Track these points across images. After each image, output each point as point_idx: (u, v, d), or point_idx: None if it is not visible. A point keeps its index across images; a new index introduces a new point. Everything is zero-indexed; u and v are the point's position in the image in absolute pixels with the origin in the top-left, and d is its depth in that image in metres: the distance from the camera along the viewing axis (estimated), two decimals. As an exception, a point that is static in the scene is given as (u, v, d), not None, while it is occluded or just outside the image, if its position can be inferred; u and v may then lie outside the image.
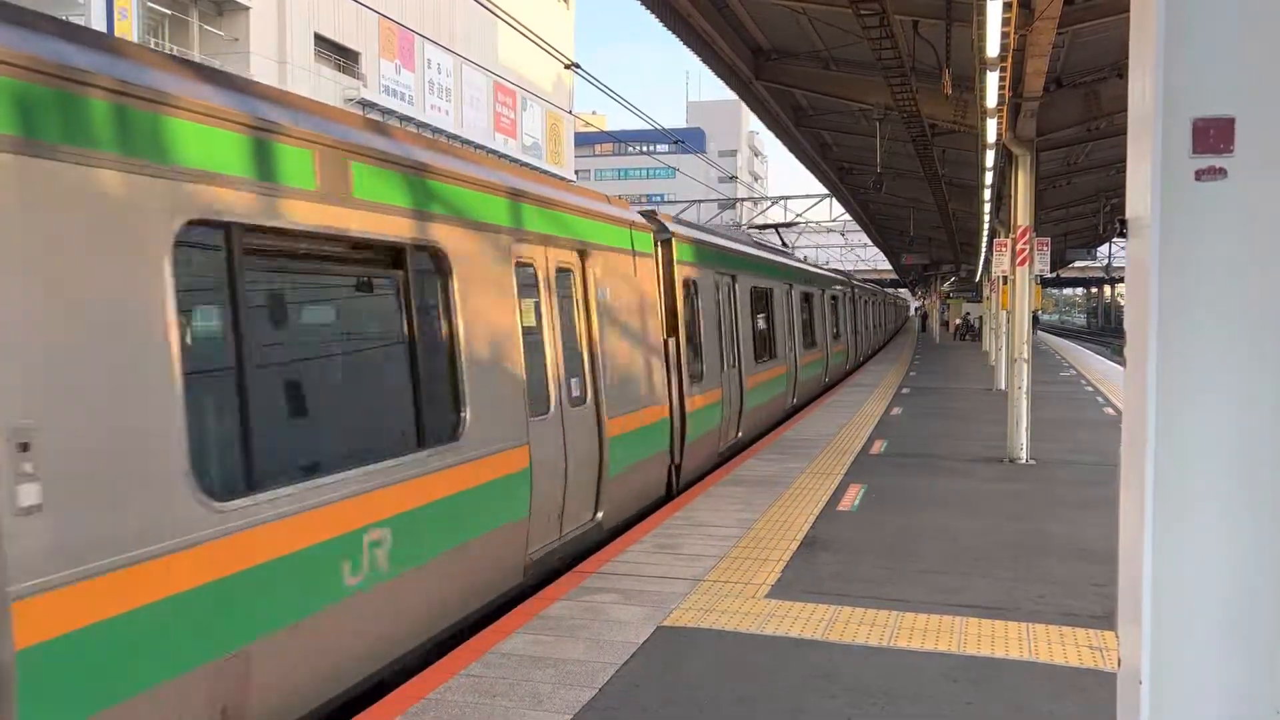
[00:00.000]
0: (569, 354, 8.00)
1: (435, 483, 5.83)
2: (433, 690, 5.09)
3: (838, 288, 26.18)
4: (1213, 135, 2.23)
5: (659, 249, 10.64)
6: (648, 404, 9.51)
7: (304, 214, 4.83)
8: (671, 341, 10.55)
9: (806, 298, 20.39)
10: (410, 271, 5.82)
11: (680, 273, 10.99)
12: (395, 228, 5.63)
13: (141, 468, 3.74)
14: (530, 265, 7.43)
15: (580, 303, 8.36)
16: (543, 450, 7.25)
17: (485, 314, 6.58)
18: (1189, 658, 2.30)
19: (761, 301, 15.77)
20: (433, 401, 6.01)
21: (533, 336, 7.37)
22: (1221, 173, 2.23)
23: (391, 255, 5.73)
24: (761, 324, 15.69)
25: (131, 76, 3.90)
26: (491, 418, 6.52)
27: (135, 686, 3.65)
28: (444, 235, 6.17)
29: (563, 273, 8.08)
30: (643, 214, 10.82)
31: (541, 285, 7.60)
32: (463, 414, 6.25)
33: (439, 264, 6.21)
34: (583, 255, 8.38)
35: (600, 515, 8.42)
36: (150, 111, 3.93)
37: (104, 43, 3.96)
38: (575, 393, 8.03)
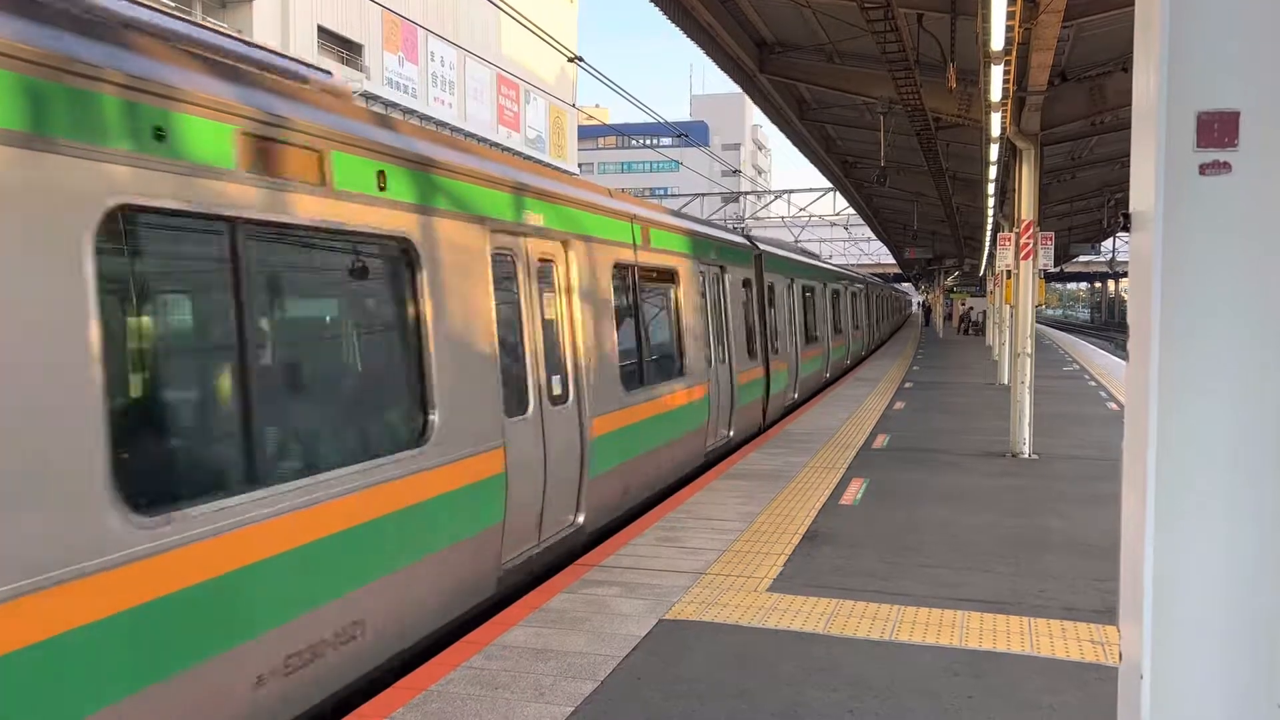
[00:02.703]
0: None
1: None
2: (435, 682, 5.10)
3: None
4: (1217, 129, 2.22)
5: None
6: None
7: None
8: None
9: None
10: None
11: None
12: None
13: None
14: None
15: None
16: None
17: None
18: (1190, 653, 2.30)
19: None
20: None
21: None
22: (1226, 167, 2.23)
23: None
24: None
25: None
26: None
27: None
28: None
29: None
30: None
31: None
32: None
33: None
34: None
35: None
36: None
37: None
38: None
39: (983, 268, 39.59)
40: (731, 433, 13.25)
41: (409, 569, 5.64)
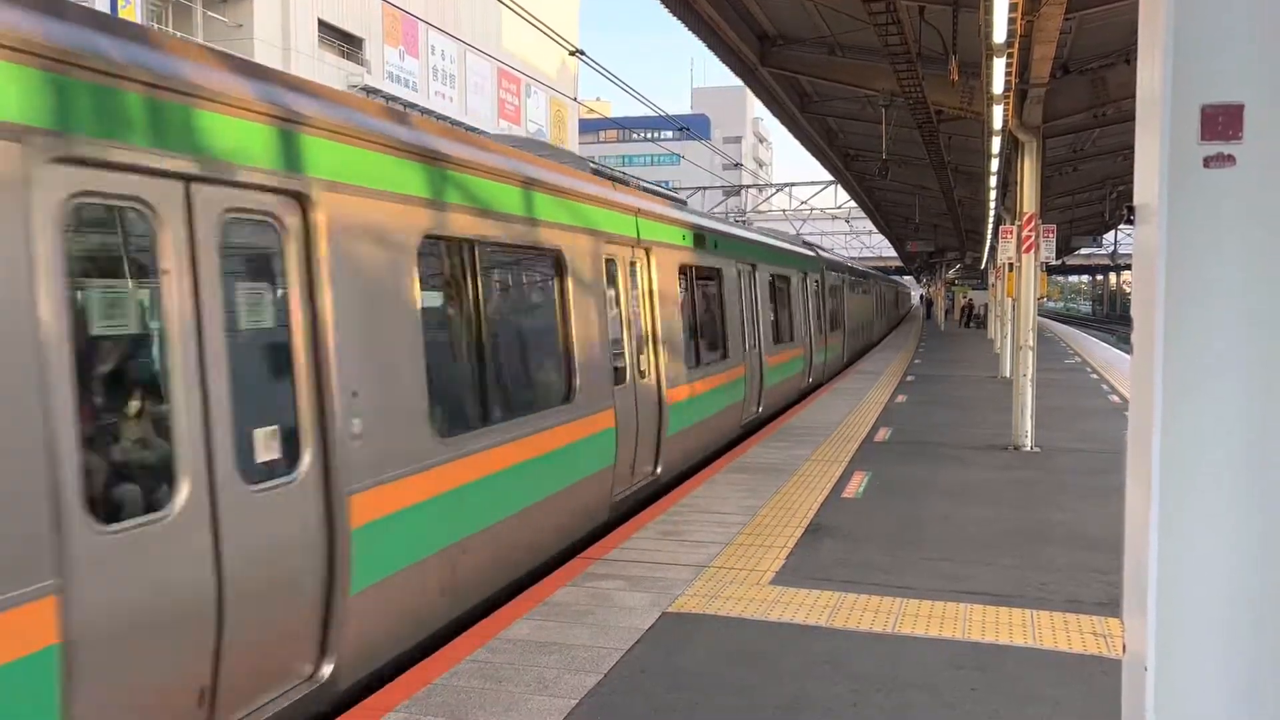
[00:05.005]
0: None
1: None
2: (439, 676, 5.11)
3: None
4: (1221, 122, 2.22)
5: None
6: None
7: None
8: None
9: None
10: None
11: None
12: None
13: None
14: None
15: None
16: None
17: None
18: (1195, 645, 2.31)
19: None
20: None
21: None
22: (1230, 160, 2.22)
23: None
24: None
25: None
26: None
27: None
28: None
29: None
30: None
31: None
32: None
33: None
34: None
35: None
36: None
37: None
38: None
39: (984, 260, 39.55)
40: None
41: None
